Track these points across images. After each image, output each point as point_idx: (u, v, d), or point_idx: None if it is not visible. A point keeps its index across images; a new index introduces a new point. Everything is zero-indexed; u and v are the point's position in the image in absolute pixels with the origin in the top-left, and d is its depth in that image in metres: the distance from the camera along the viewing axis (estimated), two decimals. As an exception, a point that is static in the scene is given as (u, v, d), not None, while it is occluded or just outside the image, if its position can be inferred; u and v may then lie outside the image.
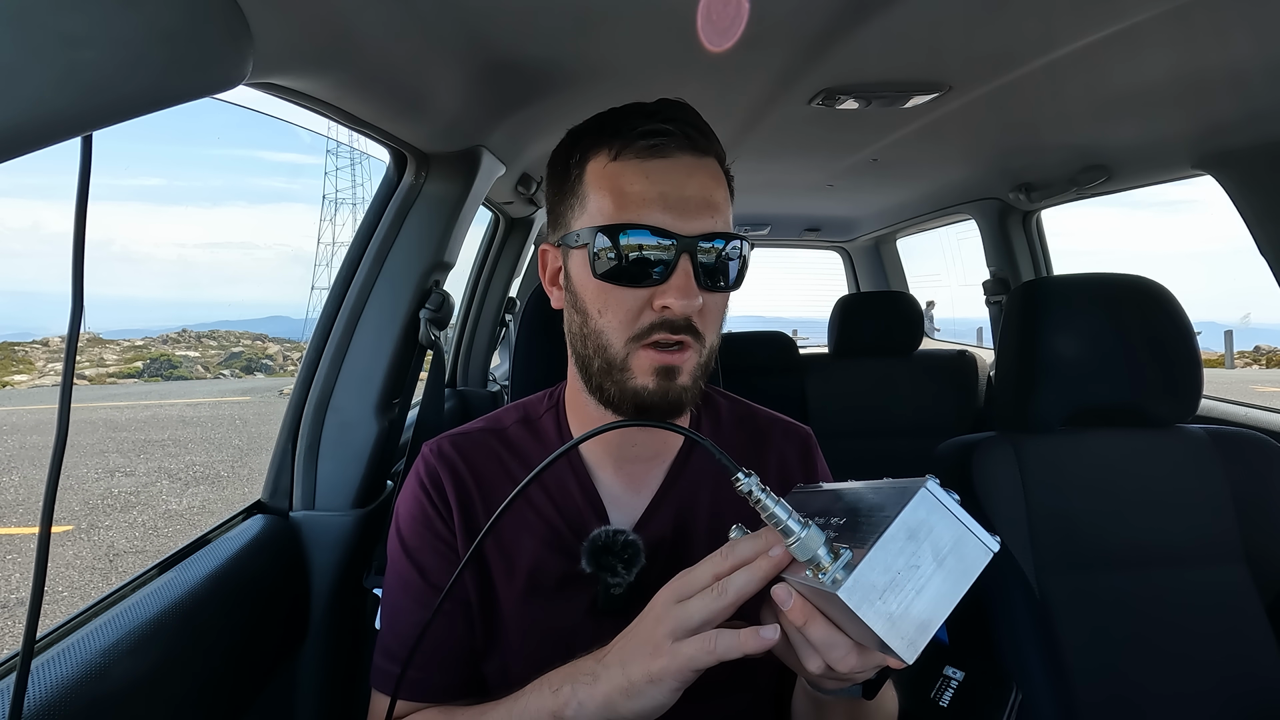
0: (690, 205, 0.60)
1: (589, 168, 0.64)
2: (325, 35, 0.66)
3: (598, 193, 0.62)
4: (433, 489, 0.70)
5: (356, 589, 1.02)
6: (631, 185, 0.61)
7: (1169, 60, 0.95)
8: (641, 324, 0.61)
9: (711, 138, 0.65)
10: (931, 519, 0.41)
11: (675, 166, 0.61)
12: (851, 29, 0.87)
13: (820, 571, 0.42)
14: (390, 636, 0.70)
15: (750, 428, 0.78)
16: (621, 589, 0.65)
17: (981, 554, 0.42)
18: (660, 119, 0.62)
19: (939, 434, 1.21)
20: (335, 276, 1.10)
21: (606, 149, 0.63)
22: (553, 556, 0.68)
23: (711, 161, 0.64)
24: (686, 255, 0.59)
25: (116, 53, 0.42)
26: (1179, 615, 0.97)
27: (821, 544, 0.43)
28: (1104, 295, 1.05)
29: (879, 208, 2.53)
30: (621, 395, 0.63)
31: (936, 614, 0.40)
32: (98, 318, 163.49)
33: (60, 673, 0.58)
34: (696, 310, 0.60)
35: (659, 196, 0.60)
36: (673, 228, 0.60)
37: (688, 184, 0.61)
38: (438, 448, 0.73)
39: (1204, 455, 1.03)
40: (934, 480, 0.42)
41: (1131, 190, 1.65)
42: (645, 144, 0.61)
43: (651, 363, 0.61)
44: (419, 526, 0.70)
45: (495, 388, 2.17)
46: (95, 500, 5.68)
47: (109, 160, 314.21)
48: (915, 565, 0.40)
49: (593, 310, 0.63)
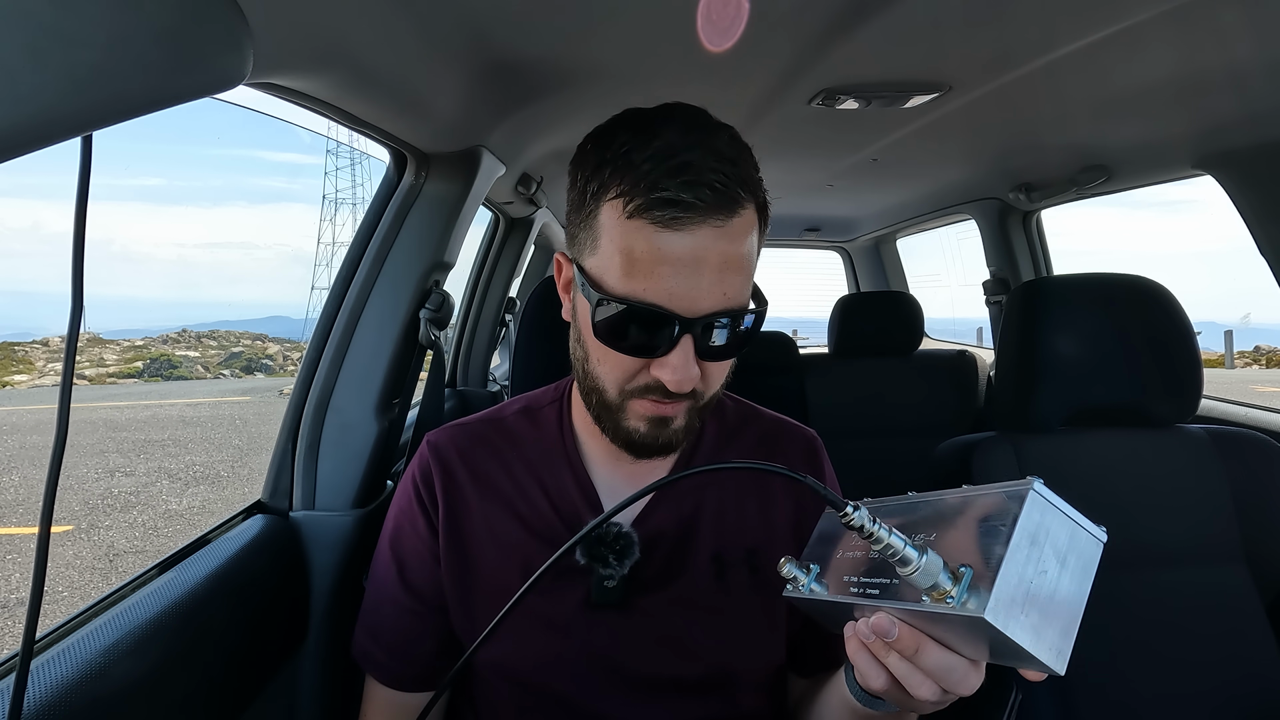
0: (701, 287, 0.55)
1: (604, 206, 0.57)
2: (325, 35, 0.66)
3: (609, 242, 0.57)
4: (422, 484, 0.72)
5: (356, 589, 1.02)
6: (642, 254, 0.55)
7: (1169, 60, 0.95)
8: (637, 383, 0.60)
9: (742, 192, 0.56)
10: (1046, 520, 0.40)
11: (693, 243, 0.54)
12: (851, 29, 0.87)
13: (945, 596, 0.39)
14: (367, 617, 0.74)
15: (756, 431, 0.78)
16: (615, 581, 0.66)
17: (1095, 546, 0.41)
18: (684, 181, 0.53)
19: (939, 434, 1.21)
20: (335, 276, 1.10)
21: (624, 198, 0.55)
22: (547, 550, 0.68)
23: (741, 219, 0.56)
24: (689, 336, 0.56)
25: (116, 53, 0.42)
26: (1179, 615, 0.97)
27: (942, 568, 0.40)
28: (1104, 295, 1.05)
29: (879, 208, 2.53)
30: (615, 434, 0.64)
31: (1074, 616, 0.39)
32: (98, 318, 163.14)
33: (60, 673, 0.58)
34: (694, 383, 0.58)
35: (669, 273, 0.55)
36: (677, 309, 0.55)
37: (702, 264, 0.55)
38: (436, 440, 0.75)
39: (1204, 455, 1.03)
40: (1039, 480, 0.41)
41: (1131, 190, 1.66)
42: (661, 214, 0.54)
43: (645, 412, 0.61)
44: (405, 521, 0.73)
45: (495, 388, 2.17)
46: (95, 500, 5.68)
47: (109, 160, 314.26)
48: (1044, 571, 0.39)
49: (592, 356, 0.62)
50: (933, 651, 0.43)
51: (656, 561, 0.68)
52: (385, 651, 0.72)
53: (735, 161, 0.56)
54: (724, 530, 0.70)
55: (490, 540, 0.70)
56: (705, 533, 0.70)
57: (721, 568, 0.69)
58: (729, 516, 0.71)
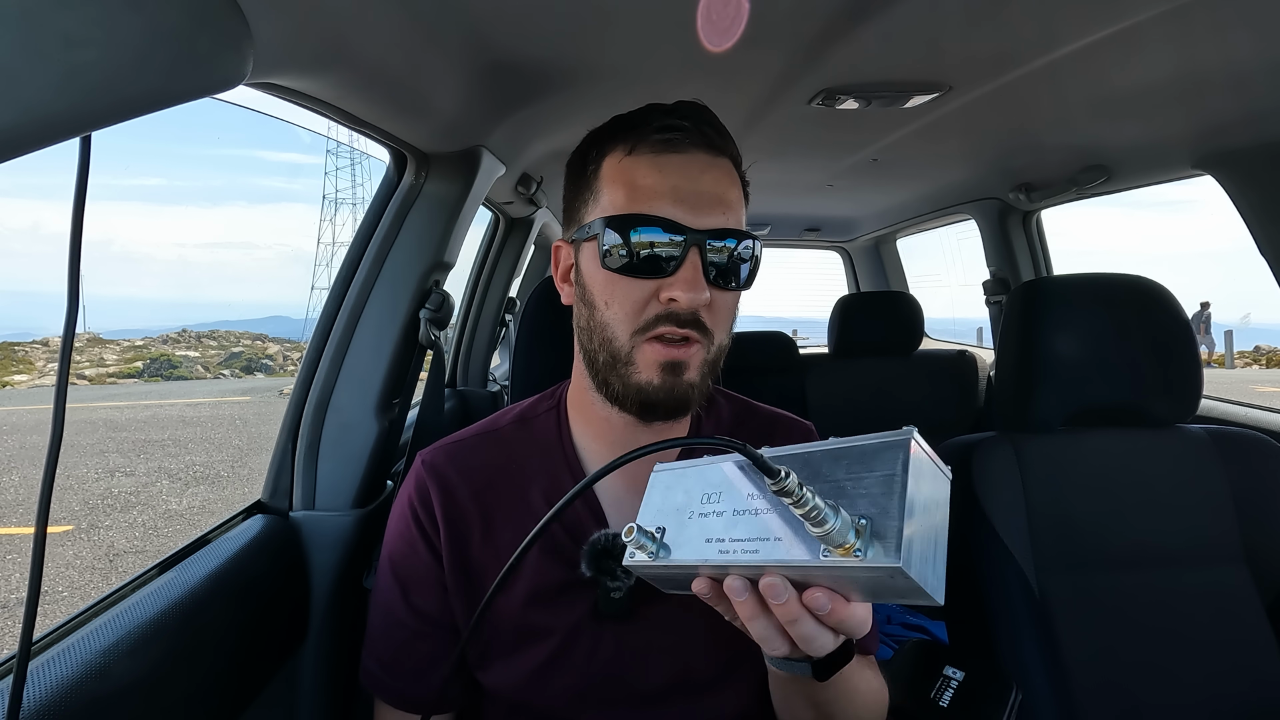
0: (703, 200, 0.60)
1: (605, 164, 0.64)
2: (325, 35, 0.66)
3: (611, 186, 0.62)
4: (420, 508, 0.70)
5: (356, 589, 1.02)
6: (644, 179, 0.61)
7: (1169, 60, 0.95)
8: (647, 316, 0.61)
9: (728, 139, 0.65)
10: (921, 467, 0.42)
11: (689, 162, 0.61)
12: (851, 29, 0.87)
13: (852, 550, 0.40)
14: (375, 644, 0.71)
15: (752, 425, 0.78)
16: (622, 593, 0.65)
17: (947, 484, 0.44)
18: (676, 116, 0.62)
19: (939, 434, 1.21)
20: (335, 276, 1.10)
21: (622, 145, 0.63)
22: (553, 563, 0.67)
23: (726, 162, 0.64)
24: (696, 249, 0.59)
25: (116, 53, 0.42)
26: (1179, 615, 0.97)
27: (851, 526, 0.41)
28: (1104, 295, 1.05)
29: (879, 208, 2.53)
30: (625, 390, 0.63)
31: (944, 550, 0.42)
32: (98, 318, 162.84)
33: (60, 673, 0.58)
34: (703, 304, 0.60)
35: (671, 190, 0.60)
36: (684, 221, 0.59)
37: (701, 179, 0.61)
38: (430, 460, 0.72)
39: (1204, 455, 1.03)
40: (915, 429, 0.43)
41: (1132, 190, 1.66)
42: (660, 138, 0.61)
43: (657, 357, 0.61)
44: (404, 546, 0.70)
45: (495, 388, 2.17)
46: (95, 500, 5.68)
47: (109, 160, 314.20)
48: (928, 514, 0.41)
49: (600, 302, 0.63)
50: (842, 606, 0.43)
51: None
52: (396, 676, 0.70)
53: (723, 125, 0.65)
54: None
55: (496, 562, 0.68)
56: None
57: None
58: None
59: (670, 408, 0.63)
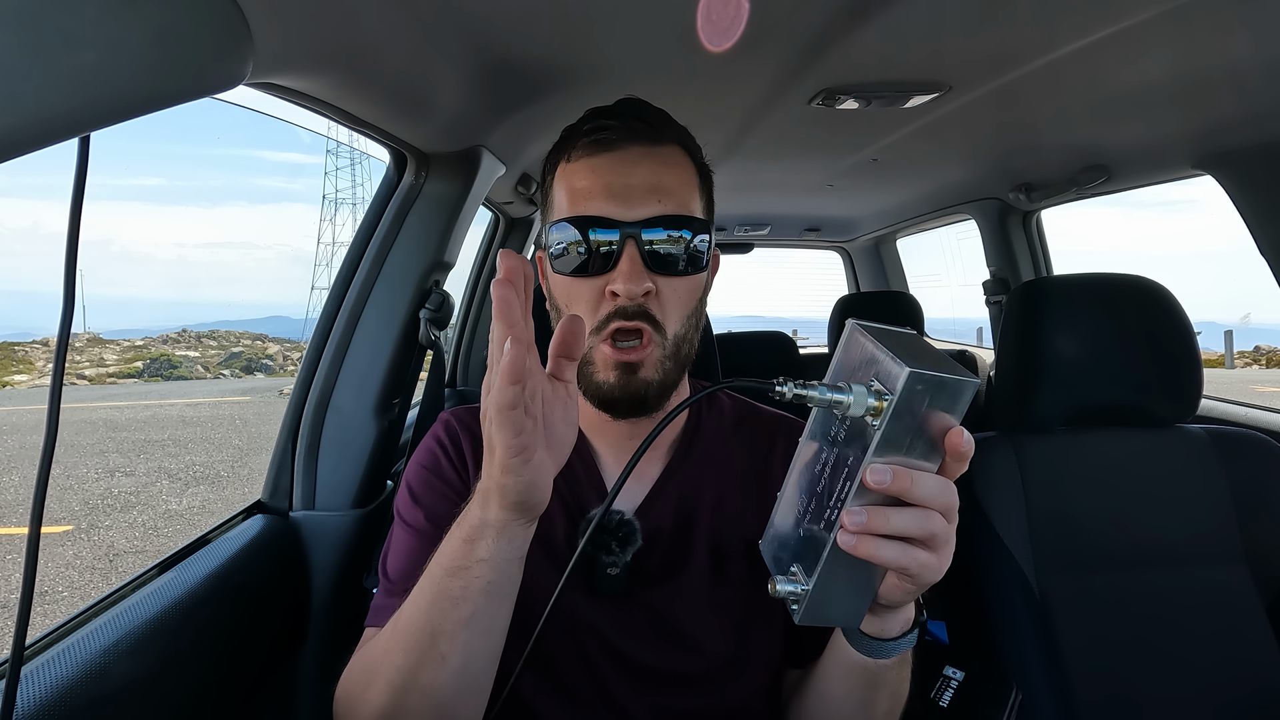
0: (635, 193, 0.62)
1: (555, 174, 0.68)
2: (325, 35, 0.66)
3: (558, 194, 0.66)
4: (450, 444, 0.72)
5: (356, 589, 1.02)
6: (580, 181, 0.64)
7: (1169, 60, 0.95)
8: (601, 314, 0.63)
9: (666, 126, 0.66)
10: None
11: (621, 158, 0.64)
12: (851, 29, 0.87)
13: (883, 396, 0.43)
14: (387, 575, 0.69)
15: (754, 425, 0.78)
16: (617, 569, 0.66)
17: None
18: (608, 115, 0.65)
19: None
20: (335, 276, 1.10)
21: (564, 152, 0.66)
22: (555, 538, 0.68)
23: (668, 149, 0.66)
24: (631, 240, 0.61)
25: (116, 53, 0.42)
26: (1179, 615, 0.97)
27: (867, 392, 0.44)
28: (1104, 295, 1.05)
29: (879, 208, 2.53)
30: (588, 389, 0.66)
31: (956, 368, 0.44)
32: (98, 318, 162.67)
33: (59, 673, 0.58)
34: (644, 294, 0.62)
35: (604, 188, 0.63)
36: (615, 215, 0.62)
37: (633, 172, 0.63)
38: (459, 415, 0.75)
39: (1204, 455, 1.03)
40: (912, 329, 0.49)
41: (1132, 190, 1.66)
42: (591, 140, 0.64)
43: (608, 359, 0.63)
44: (427, 472, 0.71)
45: (495, 388, 2.17)
46: (95, 500, 5.68)
47: (109, 159, 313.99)
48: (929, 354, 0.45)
49: (562, 305, 0.66)
50: (920, 478, 0.43)
51: (658, 553, 0.68)
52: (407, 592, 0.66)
53: (664, 113, 0.67)
54: (723, 523, 0.70)
55: None
56: (705, 525, 0.70)
57: (721, 561, 0.69)
58: (729, 508, 0.71)
59: (628, 405, 0.65)
